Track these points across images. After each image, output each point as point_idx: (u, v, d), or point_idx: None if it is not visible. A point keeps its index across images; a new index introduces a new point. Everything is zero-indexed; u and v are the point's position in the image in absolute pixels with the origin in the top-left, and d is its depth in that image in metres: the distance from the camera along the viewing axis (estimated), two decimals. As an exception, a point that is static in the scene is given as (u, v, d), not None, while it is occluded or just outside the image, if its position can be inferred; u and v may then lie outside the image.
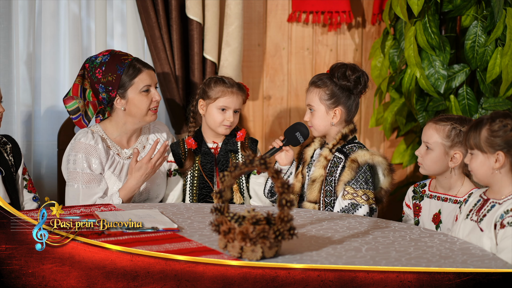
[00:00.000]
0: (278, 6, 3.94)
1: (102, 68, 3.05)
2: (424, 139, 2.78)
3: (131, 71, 3.05)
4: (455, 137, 2.72)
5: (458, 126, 2.73)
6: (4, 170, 3.03)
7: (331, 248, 2.23)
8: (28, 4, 3.59)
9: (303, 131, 3.01)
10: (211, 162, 3.24)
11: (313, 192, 2.92)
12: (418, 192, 2.88)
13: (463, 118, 2.78)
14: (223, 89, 3.19)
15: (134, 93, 3.06)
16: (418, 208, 2.85)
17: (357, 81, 2.93)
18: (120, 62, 3.05)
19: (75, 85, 3.12)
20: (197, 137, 3.27)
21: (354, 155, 2.88)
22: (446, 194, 2.79)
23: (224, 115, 3.20)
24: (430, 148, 2.75)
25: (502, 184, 2.40)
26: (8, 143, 3.11)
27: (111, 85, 3.04)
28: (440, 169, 2.76)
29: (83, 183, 3.02)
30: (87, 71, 3.10)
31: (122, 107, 3.07)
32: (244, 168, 2.10)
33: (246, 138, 3.29)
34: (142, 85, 3.06)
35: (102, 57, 3.08)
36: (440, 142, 2.74)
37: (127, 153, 3.15)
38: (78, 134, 3.10)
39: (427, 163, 2.77)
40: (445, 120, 2.76)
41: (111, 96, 3.05)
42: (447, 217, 2.75)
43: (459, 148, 2.72)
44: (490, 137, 2.37)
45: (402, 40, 3.64)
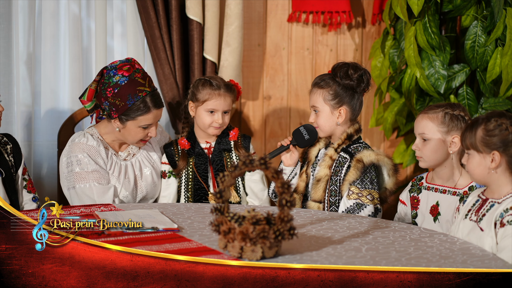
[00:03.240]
0: (278, 6, 3.94)
1: (114, 90, 2.99)
2: (418, 131, 2.78)
3: (140, 108, 3.01)
4: (449, 122, 2.73)
5: (450, 111, 2.74)
6: (4, 171, 3.03)
7: (331, 248, 2.23)
8: (28, 4, 3.59)
9: (311, 133, 2.99)
10: (205, 162, 3.24)
11: (317, 192, 2.92)
12: (416, 185, 2.89)
13: (452, 104, 2.79)
14: (210, 92, 3.18)
15: (133, 126, 3.04)
16: (416, 201, 2.85)
17: (360, 79, 2.94)
18: (134, 94, 2.99)
19: (91, 90, 3.07)
20: (190, 138, 3.27)
21: (359, 155, 2.88)
22: (444, 186, 2.79)
23: (213, 117, 3.19)
24: (427, 139, 2.75)
25: (500, 183, 2.40)
26: (9, 143, 3.11)
27: (115, 108, 3.01)
28: (440, 158, 2.76)
29: (95, 181, 3.01)
30: (101, 80, 3.05)
31: (118, 128, 3.06)
32: (244, 168, 2.10)
33: (239, 137, 3.29)
34: (144, 123, 3.04)
35: (120, 77, 3.00)
36: (437, 129, 2.74)
37: (122, 155, 3.15)
38: (74, 136, 3.09)
39: (426, 154, 2.77)
40: (435, 108, 2.77)
41: (111, 115, 3.04)
42: (447, 209, 2.75)
43: (456, 132, 2.73)
44: (486, 136, 2.37)
45: (402, 40, 3.64)
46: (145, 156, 3.20)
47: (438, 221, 2.77)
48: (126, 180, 3.10)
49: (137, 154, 3.18)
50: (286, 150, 3.02)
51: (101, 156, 3.05)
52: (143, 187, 3.15)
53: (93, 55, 3.70)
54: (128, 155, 3.16)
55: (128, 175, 3.11)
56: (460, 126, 2.73)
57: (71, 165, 3.03)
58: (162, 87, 3.66)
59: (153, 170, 3.19)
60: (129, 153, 3.17)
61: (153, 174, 3.18)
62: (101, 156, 3.05)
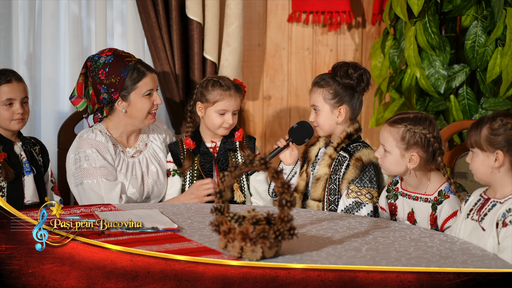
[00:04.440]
0: (278, 6, 3.94)
1: (105, 69, 3.03)
2: (381, 141, 2.72)
3: (135, 74, 3.04)
4: (410, 139, 2.64)
5: (412, 128, 2.64)
6: (35, 169, 3.10)
7: (331, 248, 2.23)
8: (28, 4, 3.59)
9: (307, 129, 3.01)
10: (210, 161, 3.24)
11: (317, 190, 2.93)
12: (392, 190, 2.83)
13: (419, 117, 2.68)
14: (221, 93, 3.18)
15: (137, 97, 3.06)
16: (394, 207, 2.81)
17: (360, 78, 2.94)
18: (124, 65, 3.04)
19: (79, 84, 3.11)
20: (195, 137, 3.27)
21: (358, 153, 2.89)
22: (415, 192, 2.75)
23: (223, 118, 3.20)
24: (387, 151, 2.69)
25: (503, 183, 2.40)
26: (37, 144, 3.20)
27: (113, 87, 3.03)
28: (400, 170, 2.70)
29: (103, 176, 3.01)
30: (89, 70, 3.09)
31: (124, 109, 3.07)
32: (245, 168, 2.10)
33: (244, 137, 3.29)
34: (146, 89, 3.06)
35: (106, 57, 3.06)
36: (395, 145, 2.67)
37: (130, 152, 3.15)
38: (83, 132, 3.09)
39: (386, 165, 2.71)
40: (399, 122, 2.67)
41: (112, 98, 3.05)
42: (421, 216, 2.72)
43: (416, 149, 2.65)
44: (490, 135, 2.37)
45: (402, 40, 3.64)
46: (151, 154, 3.20)
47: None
48: (134, 177, 3.10)
49: (144, 151, 3.18)
50: (283, 150, 3.02)
51: (110, 152, 3.06)
52: (149, 184, 3.15)
53: (93, 55, 3.70)
54: (136, 151, 3.17)
55: (135, 172, 3.12)
56: (421, 144, 2.64)
57: (79, 161, 3.03)
58: (162, 87, 3.67)
59: (159, 168, 3.20)
60: (136, 149, 3.17)
61: (159, 172, 3.19)
62: (110, 152, 3.05)
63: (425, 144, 2.64)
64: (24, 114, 3.07)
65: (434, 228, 2.66)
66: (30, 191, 3.07)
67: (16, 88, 3.05)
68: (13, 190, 3.02)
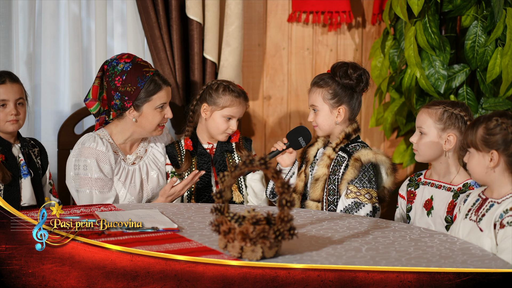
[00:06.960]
0: (278, 6, 3.94)
1: (122, 77, 3.00)
2: (417, 124, 2.82)
3: (152, 87, 3.02)
4: (447, 120, 2.75)
5: (450, 109, 2.76)
6: (33, 172, 3.09)
7: (331, 248, 2.23)
8: (28, 4, 3.59)
9: (306, 135, 3.00)
10: (208, 162, 3.24)
11: (316, 191, 2.93)
12: (414, 180, 2.91)
13: (456, 102, 2.81)
14: (232, 99, 3.18)
15: (149, 108, 3.04)
16: (413, 195, 2.87)
17: (359, 79, 2.95)
18: (142, 75, 3.01)
19: (95, 87, 3.07)
20: (191, 138, 3.27)
21: (357, 154, 2.89)
22: (440, 181, 2.81)
23: (228, 123, 3.20)
24: (424, 133, 2.78)
25: (500, 183, 2.40)
26: (36, 146, 3.19)
27: (128, 96, 3.00)
28: (435, 154, 2.78)
29: (96, 188, 3.00)
30: (105, 75, 3.05)
31: (134, 119, 3.05)
32: (244, 168, 2.10)
33: (240, 139, 3.30)
34: (159, 102, 3.04)
35: (124, 64, 3.02)
36: (433, 125, 2.77)
37: (131, 159, 3.13)
38: (85, 139, 3.06)
39: (421, 148, 2.80)
40: (437, 104, 2.79)
41: (125, 106, 3.02)
42: (439, 204, 2.76)
43: (453, 131, 2.76)
44: (486, 135, 2.37)
45: (402, 40, 3.65)
46: (152, 159, 3.19)
47: (431, 216, 2.78)
48: (132, 185, 3.09)
49: (144, 157, 3.17)
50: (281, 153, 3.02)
51: (110, 161, 3.03)
52: (149, 190, 3.15)
53: (93, 55, 3.70)
54: (136, 157, 3.15)
55: (134, 180, 3.10)
56: (458, 126, 2.75)
57: (78, 168, 3.02)
58: (162, 87, 3.66)
59: (159, 173, 3.19)
60: (137, 155, 3.15)
61: (159, 177, 3.18)
62: (110, 162, 3.03)
63: (461, 126, 2.74)
64: (18, 116, 3.05)
65: (449, 216, 2.70)
66: (27, 193, 3.06)
67: (10, 89, 3.04)
68: (10, 193, 3.01)
